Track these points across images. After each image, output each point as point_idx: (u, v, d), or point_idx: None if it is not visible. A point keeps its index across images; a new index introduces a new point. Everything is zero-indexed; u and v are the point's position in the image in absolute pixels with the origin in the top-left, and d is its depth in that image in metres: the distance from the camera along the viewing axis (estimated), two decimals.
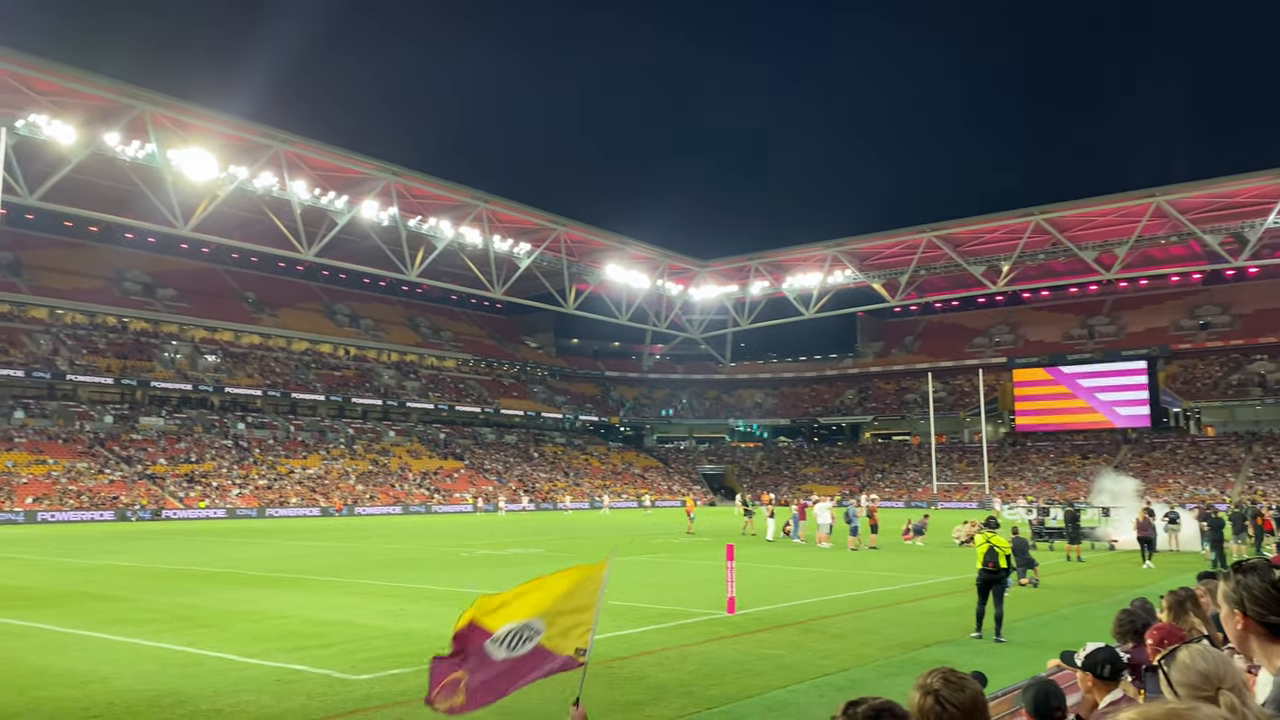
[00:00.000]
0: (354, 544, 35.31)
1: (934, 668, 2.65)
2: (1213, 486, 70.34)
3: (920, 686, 2.56)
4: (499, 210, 75.11)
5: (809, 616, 16.06)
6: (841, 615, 16.25)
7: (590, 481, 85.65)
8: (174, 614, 16.46)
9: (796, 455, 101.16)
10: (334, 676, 11.30)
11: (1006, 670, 10.87)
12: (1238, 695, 2.21)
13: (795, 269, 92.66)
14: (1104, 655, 4.51)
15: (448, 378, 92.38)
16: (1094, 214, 74.70)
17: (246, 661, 12.22)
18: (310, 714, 9.58)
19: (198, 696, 10.33)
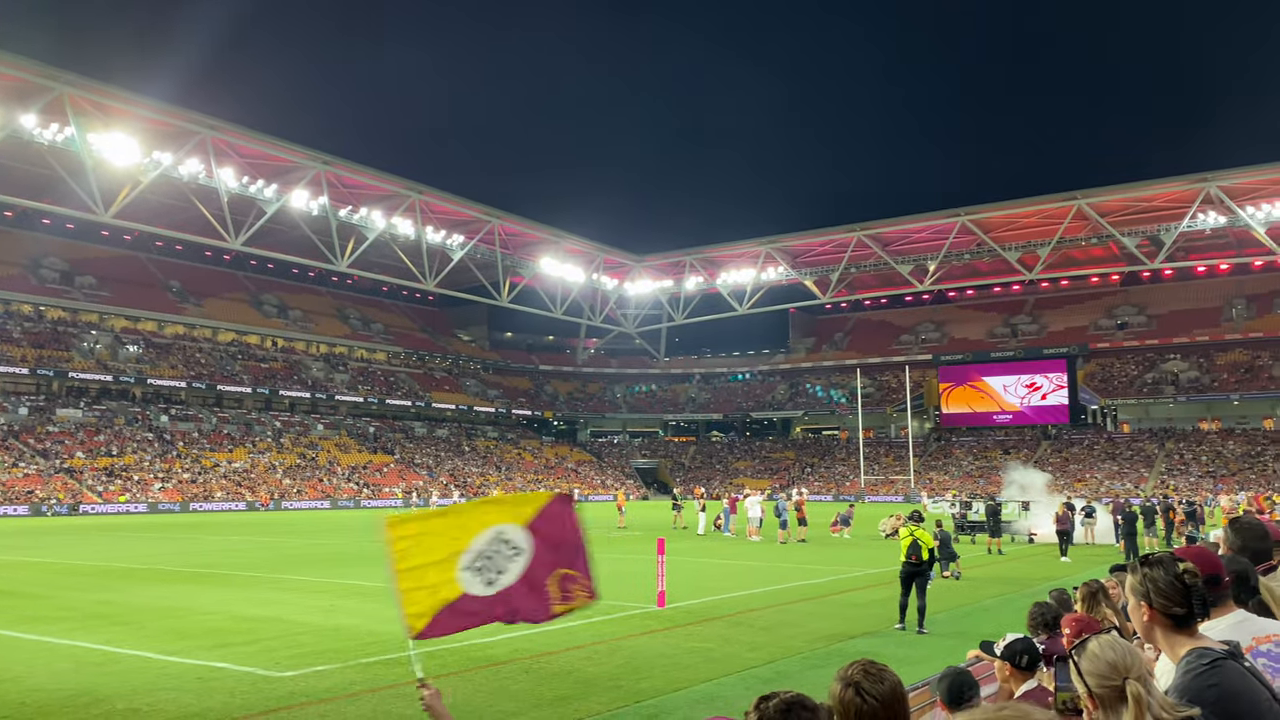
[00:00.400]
0: (281, 539, 34.67)
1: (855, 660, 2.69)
2: (1128, 481, 72.62)
3: (841, 678, 2.59)
4: (432, 201, 74.31)
5: (738, 609, 16.20)
6: (769, 608, 16.43)
7: (523, 476, 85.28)
8: (90, 611, 15.99)
9: (729, 450, 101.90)
10: (258, 674, 11.08)
11: (928, 661, 11.10)
12: (1143, 684, 2.28)
13: (729, 265, 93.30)
14: (1021, 646, 4.62)
15: (378, 370, 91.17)
16: (1018, 215, 76.53)
17: (166, 659, 11.92)
18: (232, 712, 9.38)
19: (114, 695, 10.05)
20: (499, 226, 79.70)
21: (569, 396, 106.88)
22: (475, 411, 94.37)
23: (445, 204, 75.34)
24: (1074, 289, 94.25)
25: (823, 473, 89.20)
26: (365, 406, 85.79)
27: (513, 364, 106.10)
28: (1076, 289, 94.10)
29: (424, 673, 3.93)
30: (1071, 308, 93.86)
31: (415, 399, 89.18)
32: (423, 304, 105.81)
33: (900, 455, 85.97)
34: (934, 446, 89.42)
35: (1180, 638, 2.59)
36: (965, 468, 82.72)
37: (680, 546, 28.75)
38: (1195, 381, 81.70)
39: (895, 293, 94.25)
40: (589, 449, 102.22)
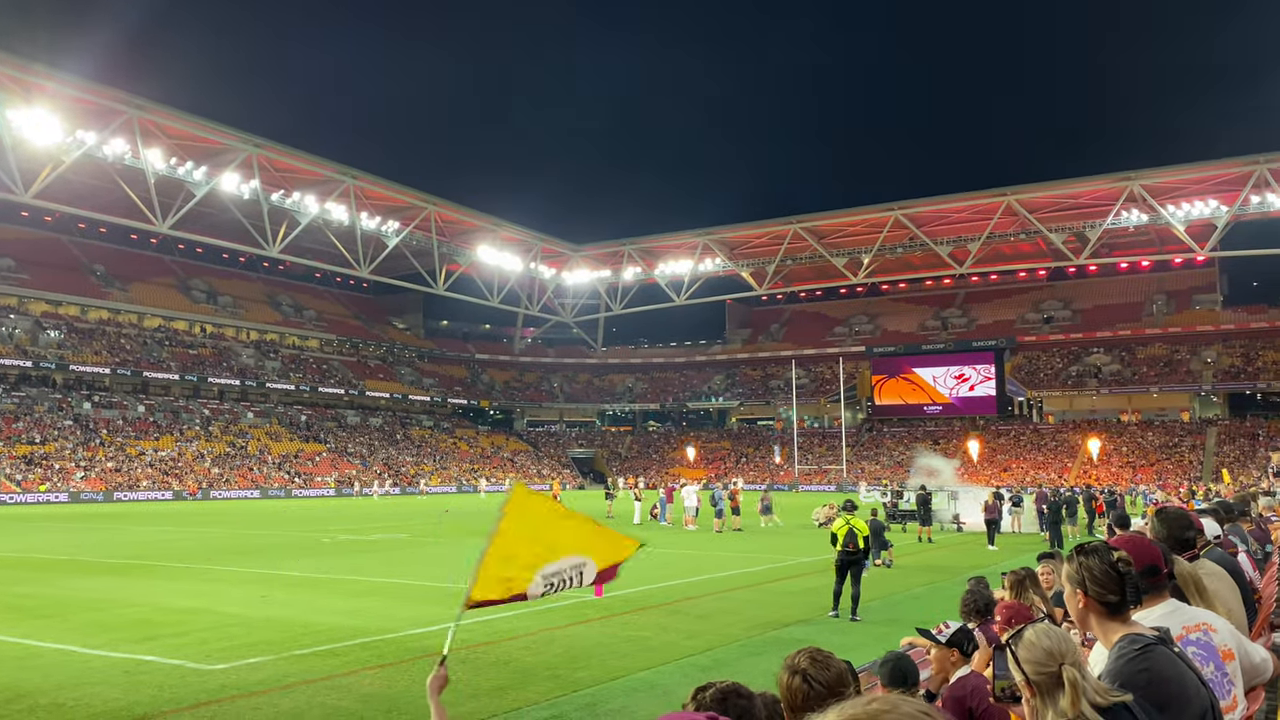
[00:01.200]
0: (210, 529, 33.97)
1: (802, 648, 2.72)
2: (1052, 471, 74.58)
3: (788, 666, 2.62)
4: (367, 186, 73.29)
5: (675, 598, 16.29)
6: (706, 596, 16.55)
7: (459, 465, 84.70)
8: (9, 604, 15.49)
9: (665, 439, 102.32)
10: (187, 667, 10.84)
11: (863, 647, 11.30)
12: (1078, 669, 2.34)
13: (667, 255, 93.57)
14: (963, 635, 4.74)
15: (310, 358, 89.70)
16: (950, 210, 77.97)
17: (90, 653, 11.61)
18: (160, 706, 9.17)
19: (36, 691, 9.76)
20: (435, 213, 78.88)
21: (505, 386, 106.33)
22: (410, 400, 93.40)
23: (380, 189, 74.35)
24: (1003, 283, 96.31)
25: (758, 462, 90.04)
26: (297, 394, 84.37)
27: (448, 352, 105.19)
28: (1005, 284, 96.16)
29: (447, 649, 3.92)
30: (1000, 302, 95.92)
31: (349, 387, 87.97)
32: (357, 291, 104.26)
33: (833, 445, 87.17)
34: (866, 437, 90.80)
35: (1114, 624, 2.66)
36: (896, 457, 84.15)
37: None
38: (1117, 374, 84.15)
39: (830, 285, 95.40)
40: (525, 438, 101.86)
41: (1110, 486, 53.87)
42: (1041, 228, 75.52)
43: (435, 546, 26.82)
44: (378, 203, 75.96)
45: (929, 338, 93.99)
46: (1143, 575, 2.76)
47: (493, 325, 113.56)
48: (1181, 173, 68.16)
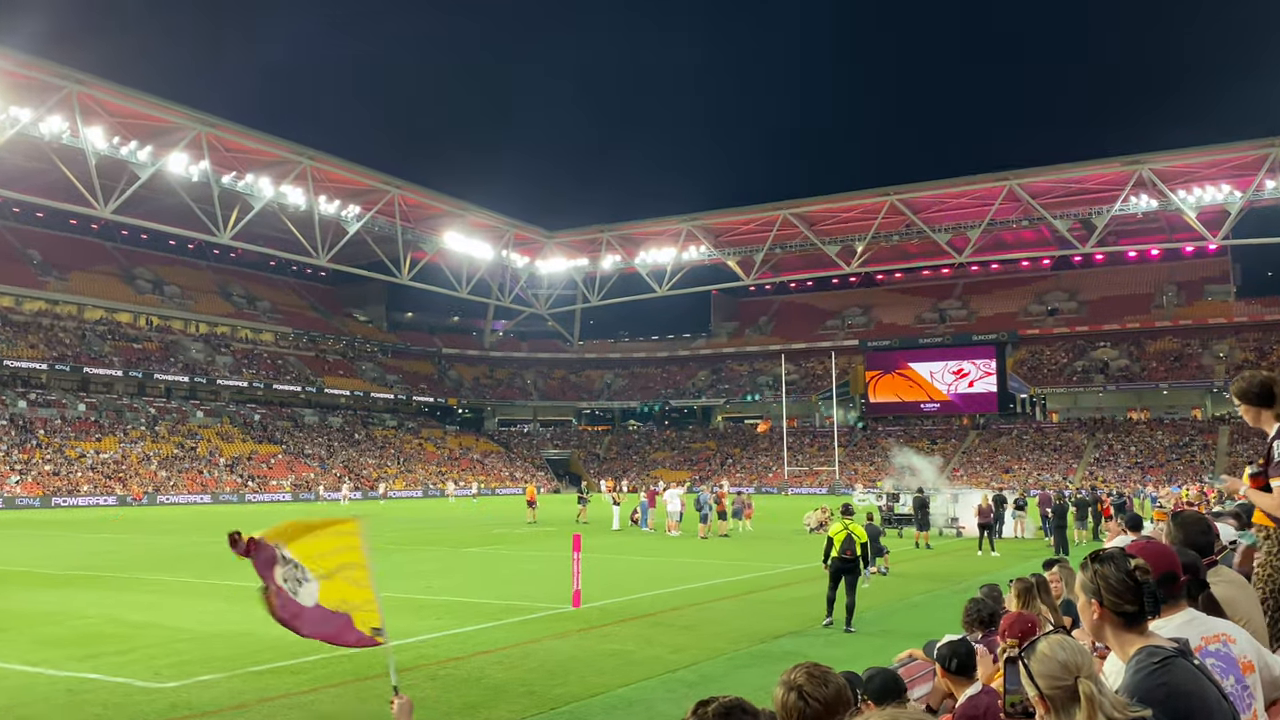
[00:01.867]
0: (157, 537, 33.74)
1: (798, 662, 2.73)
2: (1056, 473, 75.14)
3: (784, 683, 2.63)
4: (325, 168, 72.94)
5: (658, 609, 16.33)
6: (691, 606, 16.60)
7: (424, 468, 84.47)
8: None
9: (646, 439, 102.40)
10: (134, 685, 10.77)
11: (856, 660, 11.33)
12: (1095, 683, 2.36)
13: (648, 243, 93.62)
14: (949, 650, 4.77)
15: (265, 353, 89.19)
16: (948, 195, 78.36)
17: (31, 671, 11.51)
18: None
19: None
20: (399, 197, 78.62)
21: (475, 382, 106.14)
22: (372, 398, 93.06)
23: (340, 171, 74.04)
24: (1005, 273, 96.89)
25: (745, 463, 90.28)
26: (250, 392, 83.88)
27: (413, 347, 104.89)
28: (1007, 273, 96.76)
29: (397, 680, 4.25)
30: (1002, 293, 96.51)
31: (305, 384, 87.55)
32: (315, 280, 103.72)
33: (825, 446, 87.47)
34: (860, 436, 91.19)
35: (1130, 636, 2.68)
36: (892, 458, 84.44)
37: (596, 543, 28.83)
38: (1125, 370, 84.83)
39: (822, 275, 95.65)
40: (497, 439, 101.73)
41: (1118, 488, 54.37)
42: (1045, 214, 76.01)
43: (399, 554, 26.75)
44: (337, 186, 75.61)
45: (926, 331, 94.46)
46: (1160, 584, 2.78)
47: (461, 318, 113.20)
48: (1193, 156, 68.71)
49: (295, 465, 75.62)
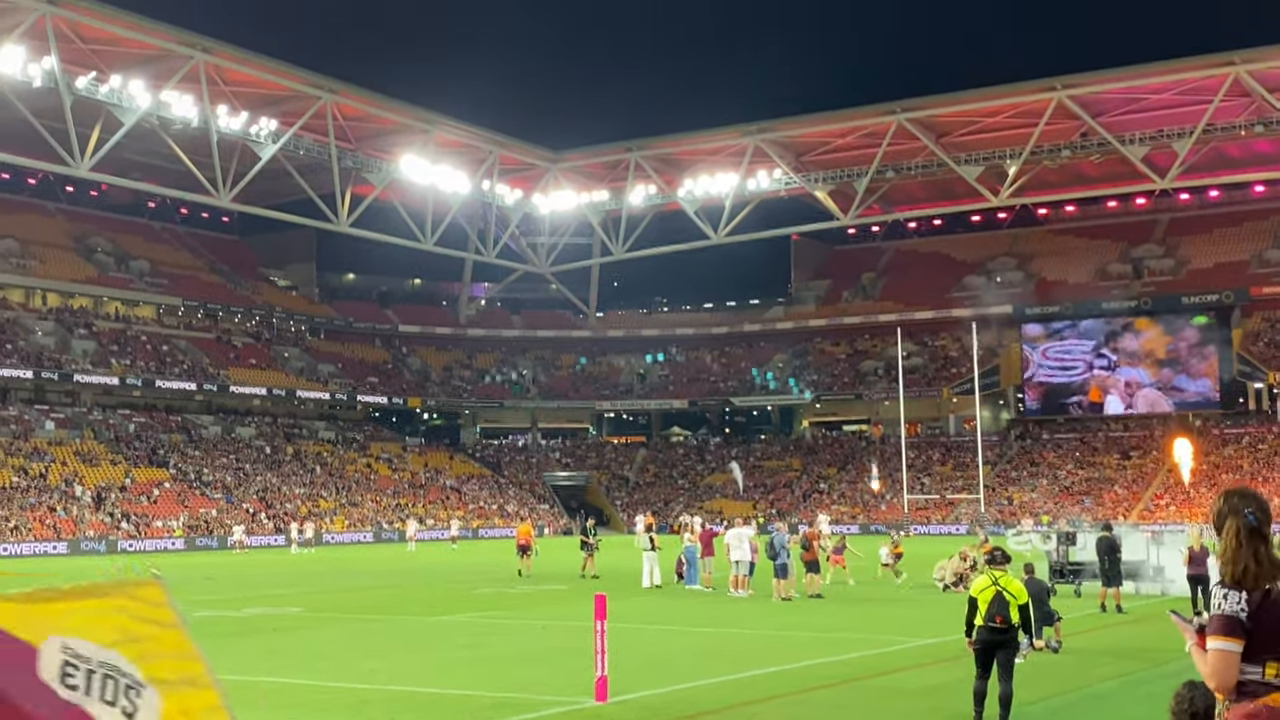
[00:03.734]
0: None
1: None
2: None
3: None
4: (227, 65, 73.20)
5: (720, 705, 16.27)
6: (769, 701, 16.53)
7: (375, 499, 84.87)
8: None
9: (698, 456, 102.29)
10: None
11: None
12: None
13: (697, 167, 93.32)
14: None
15: (143, 335, 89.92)
16: (1144, 89, 77.43)
17: None
18: None
19: None
20: (333, 105, 78.76)
21: (446, 374, 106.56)
22: (298, 399, 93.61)
23: (247, 70, 74.25)
24: (1229, 203, 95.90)
25: (844, 490, 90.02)
26: (123, 392, 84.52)
27: (357, 323, 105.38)
28: (1232, 203, 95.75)
29: None
30: (1224, 232, 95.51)
31: (203, 379, 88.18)
32: (214, 230, 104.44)
33: (964, 462, 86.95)
34: (1014, 448, 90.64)
35: None
36: (1062, 481, 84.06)
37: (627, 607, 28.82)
38: None
39: (956, 210, 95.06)
40: (479, 456, 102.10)
41: None
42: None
43: (335, 626, 26.85)
44: (245, 91, 75.79)
45: (1112, 291, 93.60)
46: None
47: (426, 280, 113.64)
48: None
49: (189, 498, 76.20)
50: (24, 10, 64.41)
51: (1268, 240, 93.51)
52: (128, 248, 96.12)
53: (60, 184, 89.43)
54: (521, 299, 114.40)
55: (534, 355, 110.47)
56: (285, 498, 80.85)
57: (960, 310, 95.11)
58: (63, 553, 64.30)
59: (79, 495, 71.77)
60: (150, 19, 69.41)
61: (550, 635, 24.67)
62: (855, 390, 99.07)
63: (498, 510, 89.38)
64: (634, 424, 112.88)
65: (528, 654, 21.87)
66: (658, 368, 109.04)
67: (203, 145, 75.21)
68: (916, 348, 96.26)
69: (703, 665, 20.10)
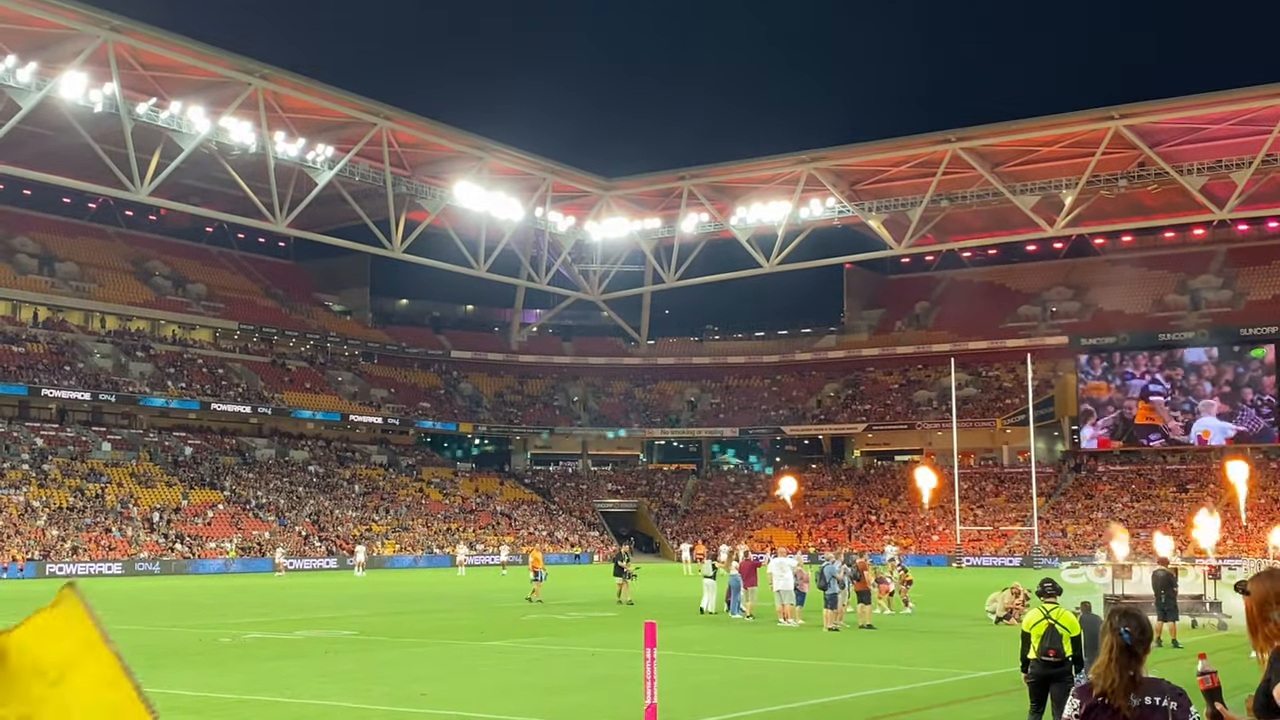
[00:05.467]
0: None
1: None
2: None
3: None
4: (285, 91, 73.93)
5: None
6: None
7: (426, 523, 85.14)
8: None
9: (749, 484, 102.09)
10: None
11: None
12: None
13: (750, 195, 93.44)
14: None
15: (199, 358, 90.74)
16: (1202, 119, 76.97)
17: None
18: None
19: None
20: (389, 131, 79.38)
21: (498, 400, 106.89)
22: (351, 422, 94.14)
23: (305, 96, 74.92)
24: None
25: (896, 519, 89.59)
26: (179, 415, 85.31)
27: (410, 349, 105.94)
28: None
29: None
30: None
31: (258, 403, 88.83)
32: (270, 254, 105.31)
33: (1019, 494, 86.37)
34: (1069, 480, 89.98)
35: None
36: (1118, 512, 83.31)
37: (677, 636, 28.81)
38: None
39: (1011, 240, 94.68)
40: (529, 482, 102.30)
41: None
42: None
43: (391, 648, 26.98)
44: (302, 117, 76.53)
45: (1170, 322, 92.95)
46: None
47: (478, 306, 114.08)
48: None
49: (243, 520, 76.71)
50: (87, 37, 65.29)
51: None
52: (185, 272, 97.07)
53: (120, 208, 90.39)
54: (573, 326, 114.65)
55: (585, 382, 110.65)
56: (338, 521, 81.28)
57: (1015, 340, 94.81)
58: (118, 573, 64.80)
59: (134, 517, 72.39)
60: (210, 45, 70.19)
61: (599, 662, 24.73)
62: (907, 420, 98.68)
63: (547, 536, 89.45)
64: (685, 452, 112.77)
65: (576, 681, 21.92)
66: (709, 395, 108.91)
67: (260, 171, 75.89)
68: (970, 378, 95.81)
69: (752, 694, 20.09)
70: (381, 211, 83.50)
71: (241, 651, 26.92)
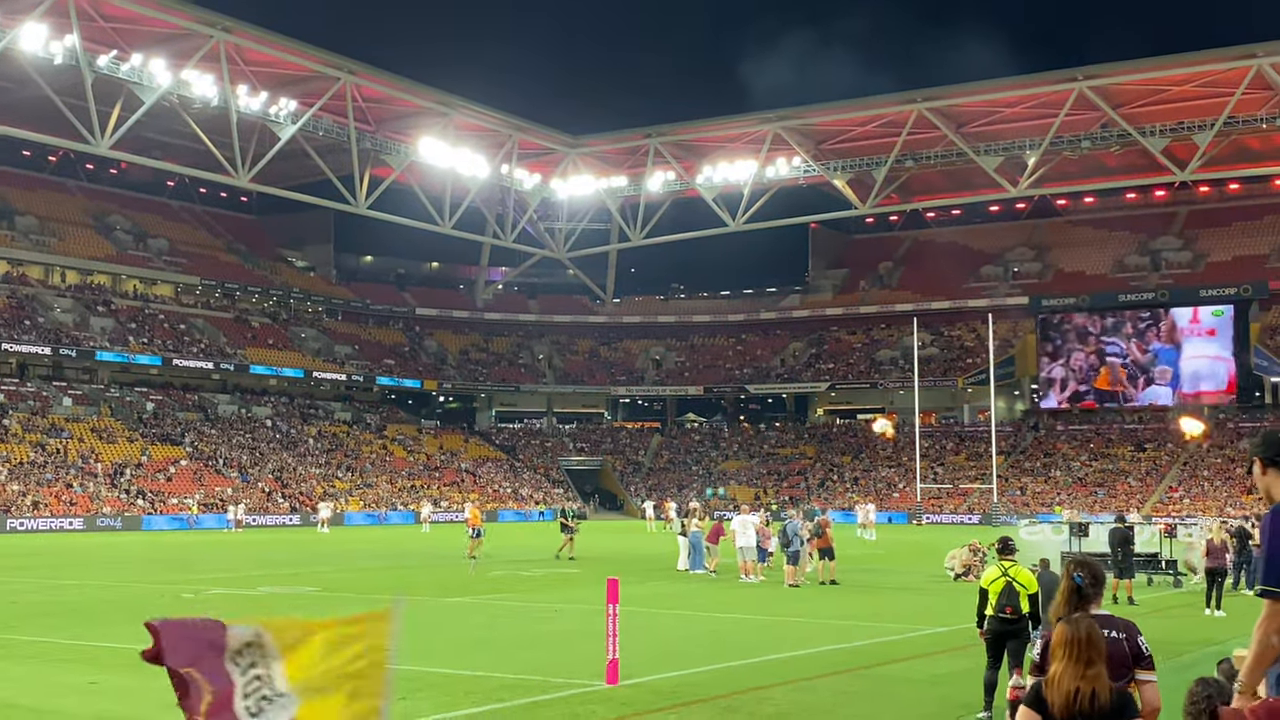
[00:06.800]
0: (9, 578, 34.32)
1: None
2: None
3: None
4: (247, 44, 73.36)
5: (731, 689, 16.32)
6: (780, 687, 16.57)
7: (391, 480, 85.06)
8: None
9: (713, 442, 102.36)
10: None
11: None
12: None
13: (715, 154, 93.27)
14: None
15: (160, 313, 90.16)
16: (1165, 80, 77.20)
17: None
18: None
19: None
20: (353, 86, 78.88)
21: (463, 357, 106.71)
22: (315, 379, 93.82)
23: (268, 49, 74.33)
24: (1248, 196, 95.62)
25: (858, 477, 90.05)
26: (140, 370, 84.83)
27: (374, 305, 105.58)
28: (1252, 196, 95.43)
29: None
30: (1244, 226, 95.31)
31: (220, 358, 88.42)
32: (233, 209, 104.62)
33: (978, 453, 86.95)
34: (1029, 439, 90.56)
35: None
36: (1076, 472, 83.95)
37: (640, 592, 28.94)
38: None
39: (975, 200, 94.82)
40: (494, 440, 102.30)
41: None
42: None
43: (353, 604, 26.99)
44: (264, 71, 75.93)
45: (1130, 283, 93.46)
46: None
47: (443, 264, 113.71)
48: None
49: (205, 476, 76.47)
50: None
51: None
52: (147, 226, 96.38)
53: (80, 162, 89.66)
54: (538, 284, 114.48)
55: (551, 340, 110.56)
56: (301, 477, 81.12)
57: (977, 300, 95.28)
58: (79, 529, 64.58)
59: (96, 472, 72.08)
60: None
61: (562, 618, 24.81)
62: (870, 379, 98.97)
63: (512, 493, 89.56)
64: (649, 410, 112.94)
65: (539, 636, 21.99)
66: (673, 354, 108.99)
67: (222, 125, 75.42)
68: (932, 337, 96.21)
69: (713, 650, 20.18)
70: (345, 167, 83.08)
71: (204, 607, 26.83)
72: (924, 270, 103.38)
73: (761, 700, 15.55)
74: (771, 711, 14.83)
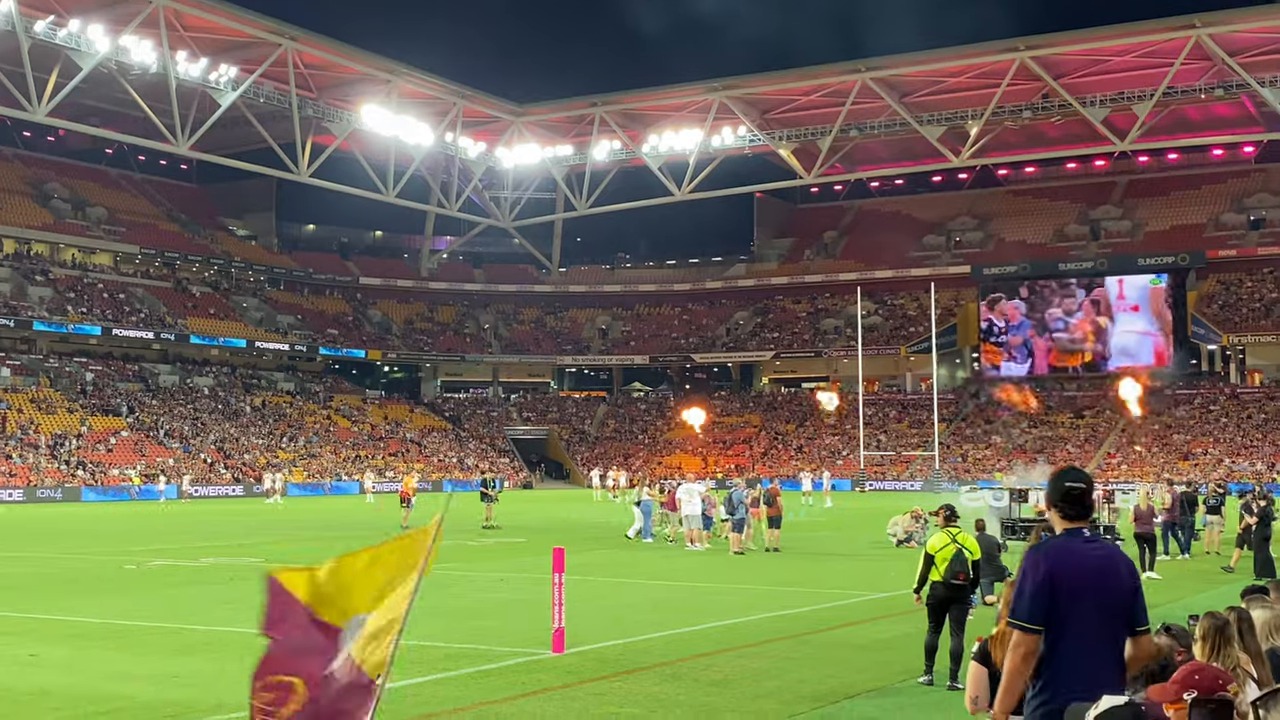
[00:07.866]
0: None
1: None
2: (1259, 459, 75.12)
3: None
4: (187, 10, 72.72)
5: (675, 656, 16.40)
6: (724, 653, 16.67)
7: (334, 451, 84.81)
8: None
9: (658, 411, 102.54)
10: None
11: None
12: None
13: (662, 123, 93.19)
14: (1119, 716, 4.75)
15: (100, 283, 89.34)
16: (1106, 51, 77.73)
17: None
18: None
19: None
20: (294, 52, 78.33)
21: (408, 327, 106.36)
22: (257, 349, 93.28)
23: (208, 15, 73.71)
24: (1186, 166, 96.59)
25: (803, 445, 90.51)
26: (79, 340, 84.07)
27: (317, 274, 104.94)
28: (1190, 166, 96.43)
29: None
30: (1182, 195, 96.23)
31: (160, 328, 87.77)
32: (173, 177, 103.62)
33: (921, 420, 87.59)
34: (970, 406, 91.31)
35: None
36: (1016, 439, 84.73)
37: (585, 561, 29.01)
38: None
39: (917, 170, 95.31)
40: (440, 409, 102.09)
41: None
42: (1249, 78, 75.33)
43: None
44: (204, 36, 75.30)
45: (1070, 251, 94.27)
46: None
47: (387, 233, 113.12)
48: None
49: (146, 446, 76.03)
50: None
51: (1224, 204, 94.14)
52: (85, 194, 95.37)
53: (17, 129, 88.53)
54: (484, 253, 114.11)
55: (496, 309, 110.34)
56: (244, 448, 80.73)
57: (919, 270, 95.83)
58: (19, 500, 64.14)
59: (36, 443, 71.52)
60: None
61: (507, 587, 24.84)
62: (815, 348, 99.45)
63: (457, 463, 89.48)
64: (595, 379, 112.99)
65: (485, 606, 22.00)
66: (619, 323, 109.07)
67: (161, 92, 74.73)
68: (876, 306, 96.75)
69: (659, 617, 20.26)
70: (287, 134, 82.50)
71: (146, 578, 26.70)
72: (868, 239, 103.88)
73: (706, 666, 15.64)
74: (716, 678, 14.91)
